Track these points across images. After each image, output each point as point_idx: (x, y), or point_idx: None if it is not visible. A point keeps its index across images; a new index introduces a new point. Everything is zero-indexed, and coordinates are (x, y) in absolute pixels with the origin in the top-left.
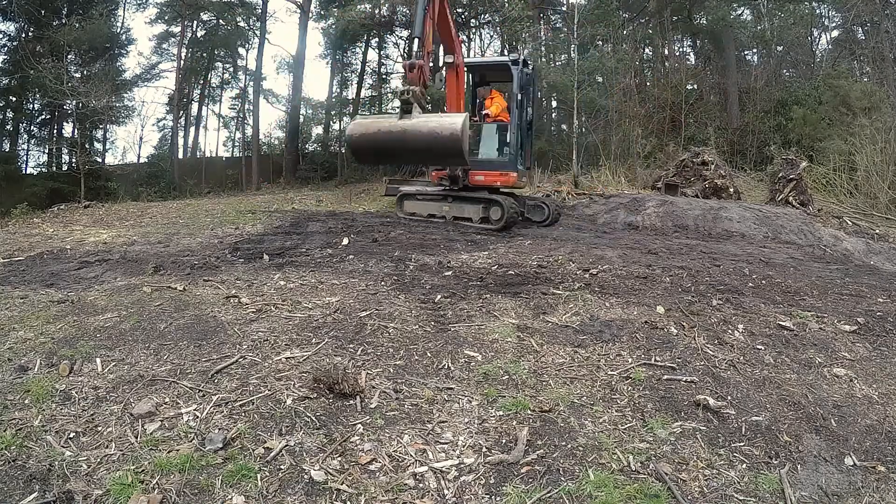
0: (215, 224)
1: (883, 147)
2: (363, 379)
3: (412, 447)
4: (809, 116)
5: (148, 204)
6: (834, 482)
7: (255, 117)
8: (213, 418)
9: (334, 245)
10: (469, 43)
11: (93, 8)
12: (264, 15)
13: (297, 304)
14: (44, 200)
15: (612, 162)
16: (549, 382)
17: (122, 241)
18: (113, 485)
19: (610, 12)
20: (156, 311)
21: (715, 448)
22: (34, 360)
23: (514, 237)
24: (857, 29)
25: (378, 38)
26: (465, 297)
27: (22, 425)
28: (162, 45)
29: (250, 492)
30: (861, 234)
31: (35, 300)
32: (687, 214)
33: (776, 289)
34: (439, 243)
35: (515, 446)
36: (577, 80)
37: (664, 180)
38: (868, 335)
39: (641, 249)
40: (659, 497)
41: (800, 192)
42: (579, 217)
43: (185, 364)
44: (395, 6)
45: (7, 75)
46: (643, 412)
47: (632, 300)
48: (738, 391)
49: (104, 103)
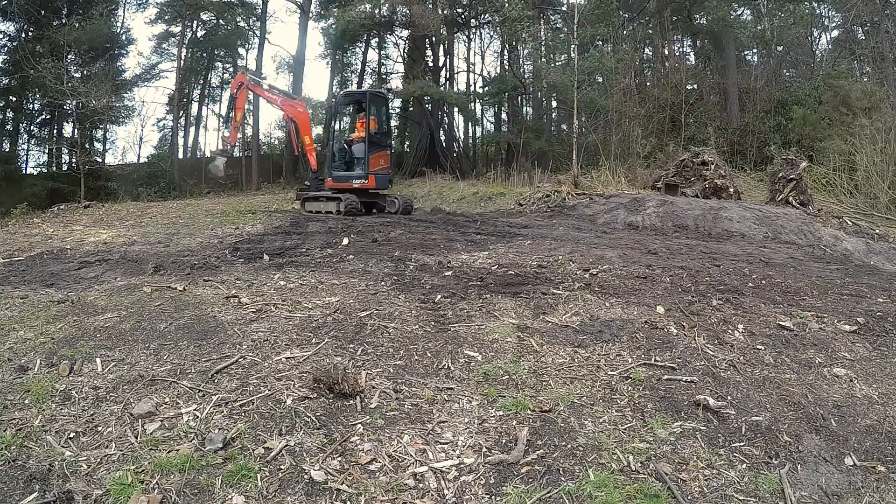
0: (215, 224)
1: (883, 147)
2: (363, 379)
3: (412, 447)
4: (809, 116)
5: (148, 204)
6: (834, 482)
7: (255, 117)
8: (213, 418)
9: (334, 245)
10: (469, 43)
11: (93, 8)
12: (264, 15)
13: (297, 304)
14: (44, 200)
15: (612, 162)
16: (549, 382)
17: (122, 241)
18: (113, 485)
19: (610, 12)
20: (156, 311)
21: (715, 448)
22: (34, 360)
23: (514, 237)
24: (857, 29)
25: (378, 38)
26: (465, 297)
27: (22, 425)
28: (162, 45)
29: (250, 492)
30: (861, 234)
31: (35, 300)
32: (687, 214)
33: (776, 289)
34: (439, 243)
35: (515, 446)
36: (577, 80)
37: (664, 180)
38: (868, 335)
39: (641, 249)
40: (659, 497)
41: (800, 192)
42: (579, 217)
43: (185, 364)
44: (395, 6)
45: (7, 75)
46: (643, 412)
47: (632, 300)
48: (738, 391)
49: (104, 103)
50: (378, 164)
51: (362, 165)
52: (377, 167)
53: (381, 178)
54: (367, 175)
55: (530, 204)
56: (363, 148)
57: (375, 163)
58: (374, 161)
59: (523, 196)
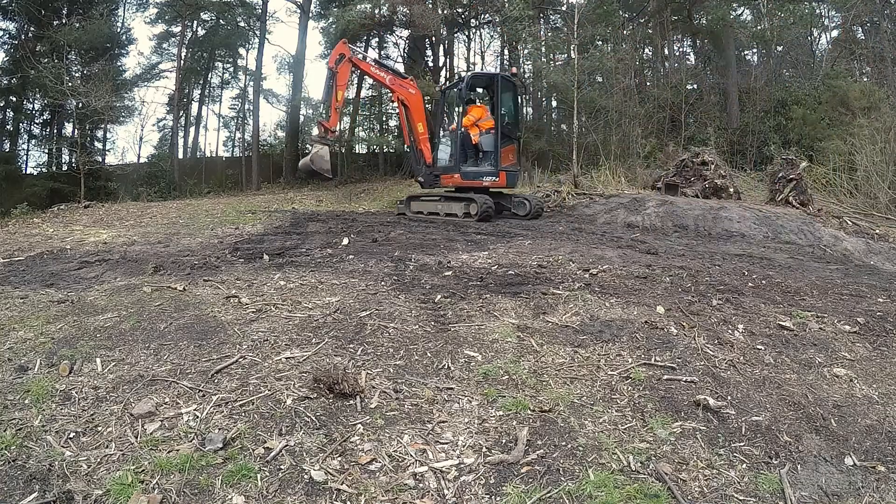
0: (215, 224)
1: (883, 147)
2: (363, 379)
3: (412, 447)
4: (809, 116)
5: (148, 204)
6: (834, 482)
7: (255, 117)
8: (213, 418)
9: (334, 245)
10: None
11: (93, 8)
12: (264, 15)
13: (297, 304)
14: (44, 200)
15: (612, 162)
16: (549, 382)
17: (122, 241)
18: (113, 485)
19: (610, 12)
20: (156, 311)
21: (715, 448)
22: (34, 360)
23: (514, 237)
24: (857, 29)
25: (378, 38)
26: (465, 297)
27: (22, 425)
28: (162, 44)
29: (250, 492)
30: (861, 234)
31: (35, 300)
32: (687, 214)
33: (776, 289)
34: (439, 243)
35: (515, 446)
36: (577, 80)
37: (664, 180)
38: (868, 335)
39: (641, 249)
40: (659, 497)
41: (800, 192)
42: (579, 217)
43: (185, 364)
44: (395, 6)
45: (7, 75)
46: (643, 412)
47: (632, 300)
48: (738, 391)
49: (104, 103)
50: (508, 159)
51: (492, 160)
52: (508, 163)
53: (511, 175)
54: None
55: None
56: (493, 140)
57: (506, 158)
58: (505, 156)
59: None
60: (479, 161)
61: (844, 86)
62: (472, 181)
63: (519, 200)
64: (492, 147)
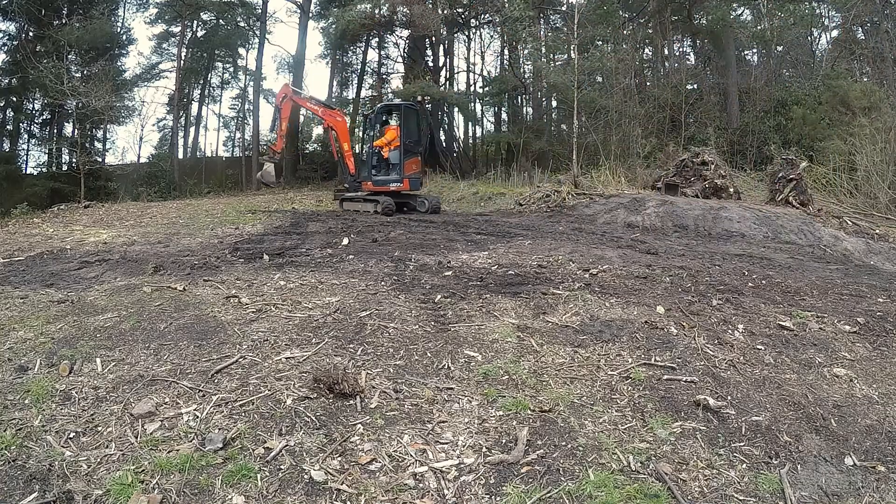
0: (215, 224)
1: (883, 147)
2: (363, 379)
3: (412, 447)
4: (809, 116)
5: (148, 204)
6: (834, 482)
7: (255, 117)
8: (213, 418)
9: (334, 245)
10: (469, 43)
11: (93, 8)
12: (264, 15)
13: (297, 304)
14: (44, 200)
15: (612, 162)
16: (549, 382)
17: (122, 241)
18: (113, 485)
19: (610, 12)
20: (156, 311)
21: (715, 448)
22: (34, 360)
23: (514, 237)
24: (857, 29)
25: (378, 38)
26: (465, 297)
27: (22, 425)
28: (162, 45)
29: (250, 492)
30: (861, 234)
31: (35, 300)
32: (687, 214)
33: (776, 289)
34: (439, 243)
35: (515, 446)
36: (577, 80)
37: (664, 180)
38: (868, 335)
39: (641, 249)
40: (659, 497)
41: (800, 192)
42: (579, 217)
43: (185, 364)
44: (395, 6)
45: (7, 75)
46: (643, 412)
47: (632, 300)
48: (738, 391)
49: (104, 103)
50: (411, 168)
51: (398, 170)
52: (411, 171)
53: (414, 181)
54: (403, 179)
55: (530, 204)
56: (399, 154)
57: (409, 167)
58: (408, 166)
59: (523, 196)
60: (389, 171)
61: (844, 86)
62: (382, 187)
63: (421, 200)
64: (398, 160)
